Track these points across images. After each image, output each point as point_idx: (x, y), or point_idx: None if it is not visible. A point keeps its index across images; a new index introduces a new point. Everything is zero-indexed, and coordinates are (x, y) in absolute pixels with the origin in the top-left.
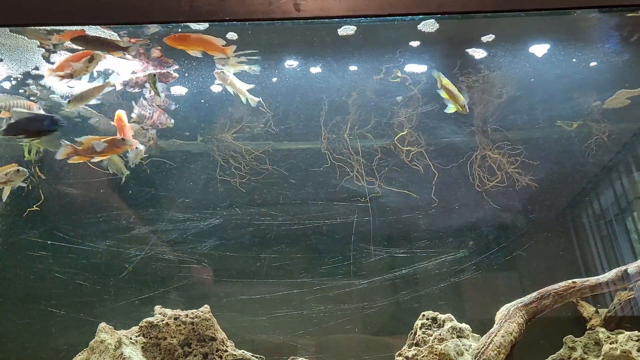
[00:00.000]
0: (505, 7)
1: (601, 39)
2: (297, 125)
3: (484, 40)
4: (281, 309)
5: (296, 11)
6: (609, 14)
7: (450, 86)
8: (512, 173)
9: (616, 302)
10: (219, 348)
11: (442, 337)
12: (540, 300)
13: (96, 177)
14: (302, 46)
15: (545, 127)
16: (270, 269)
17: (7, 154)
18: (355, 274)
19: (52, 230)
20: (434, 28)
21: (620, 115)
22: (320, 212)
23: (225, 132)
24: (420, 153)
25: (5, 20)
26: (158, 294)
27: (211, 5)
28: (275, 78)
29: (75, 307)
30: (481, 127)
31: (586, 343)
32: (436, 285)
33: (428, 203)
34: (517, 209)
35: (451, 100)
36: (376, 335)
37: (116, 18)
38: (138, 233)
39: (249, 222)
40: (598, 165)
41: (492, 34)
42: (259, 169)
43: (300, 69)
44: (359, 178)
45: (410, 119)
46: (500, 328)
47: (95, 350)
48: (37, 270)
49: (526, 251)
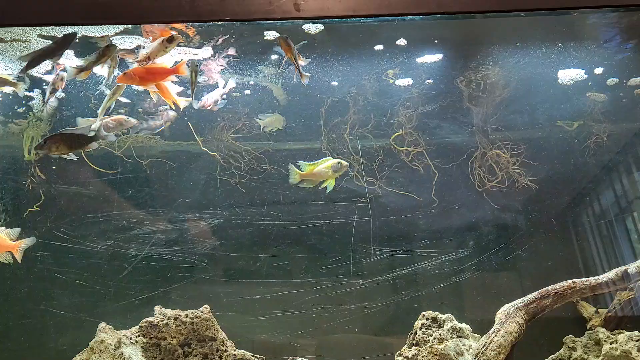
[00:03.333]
0: (505, 7)
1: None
2: (297, 125)
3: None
4: (281, 309)
5: (296, 11)
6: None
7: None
8: (512, 173)
9: (616, 302)
10: (219, 348)
11: (442, 337)
12: (540, 301)
13: (96, 177)
14: (302, 46)
15: (545, 127)
16: (270, 269)
17: (7, 154)
18: (355, 274)
19: (52, 230)
20: (319, 29)
21: (620, 115)
22: (320, 212)
23: (225, 132)
24: (420, 153)
25: (5, 20)
26: (158, 294)
27: (211, 5)
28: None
29: (75, 307)
30: (481, 126)
31: (586, 343)
32: (436, 286)
33: (428, 203)
34: (517, 209)
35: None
36: (376, 335)
37: (116, 18)
38: (137, 233)
39: (249, 222)
40: (598, 165)
41: (492, 34)
42: (259, 169)
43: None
44: (359, 178)
45: (410, 119)
46: (500, 328)
47: (95, 350)
48: (37, 270)
49: (526, 251)
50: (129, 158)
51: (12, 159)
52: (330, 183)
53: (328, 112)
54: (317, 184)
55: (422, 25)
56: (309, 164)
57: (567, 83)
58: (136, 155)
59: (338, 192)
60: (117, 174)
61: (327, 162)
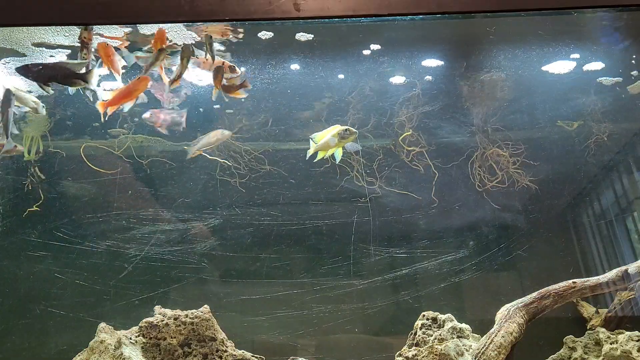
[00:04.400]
0: (505, 7)
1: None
2: (297, 125)
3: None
4: (281, 309)
5: (296, 11)
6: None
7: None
8: (512, 173)
9: (616, 302)
10: (218, 348)
11: (442, 338)
12: (540, 301)
13: (95, 177)
14: (303, 45)
15: (545, 127)
16: (270, 269)
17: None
18: (355, 274)
19: (52, 230)
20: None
21: (620, 115)
22: (320, 212)
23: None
24: (420, 153)
25: (5, 20)
26: (158, 294)
27: (211, 5)
28: (275, 77)
29: (75, 307)
30: (481, 126)
31: (586, 343)
32: (436, 286)
33: (428, 203)
34: (517, 209)
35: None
36: (376, 336)
37: (116, 18)
38: (137, 233)
39: (249, 222)
40: (598, 165)
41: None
42: (258, 169)
43: (301, 68)
44: (359, 178)
45: (411, 119)
46: (500, 328)
47: (95, 350)
48: (37, 270)
49: (526, 251)
50: (128, 158)
51: (13, 159)
52: (338, 152)
53: (328, 111)
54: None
55: (422, 24)
56: (319, 133)
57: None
58: (136, 155)
59: (338, 192)
60: (116, 173)
61: (334, 129)
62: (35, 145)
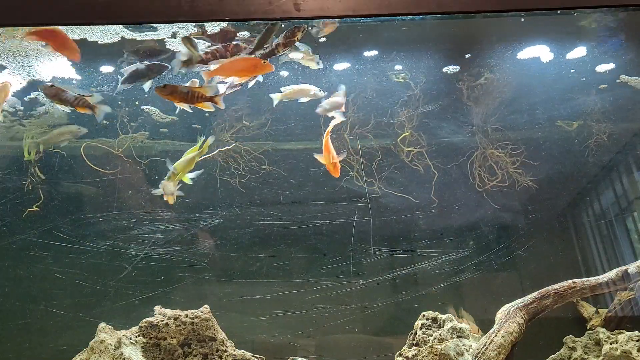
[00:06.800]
0: (505, 7)
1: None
2: (297, 125)
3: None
4: (281, 309)
5: (296, 11)
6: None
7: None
8: (512, 173)
9: (616, 302)
10: (219, 348)
11: (442, 337)
12: (540, 301)
13: (95, 177)
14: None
15: (545, 127)
16: (270, 269)
17: (8, 154)
18: (355, 274)
19: (52, 230)
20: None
21: (621, 115)
22: (320, 212)
23: (225, 132)
24: (420, 153)
25: (5, 20)
26: (158, 294)
27: (211, 5)
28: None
29: (75, 307)
30: (481, 126)
31: (586, 343)
32: (436, 286)
33: (428, 203)
34: (517, 209)
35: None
36: (376, 336)
37: (116, 18)
38: (137, 233)
39: (249, 222)
40: (598, 165)
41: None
42: (258, 169)
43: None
44: (358, 178)
45: (411, 119)
46: (500, 328)
47: (95, 350)
48: (37, 270)
49: (526, 251)
50: (128, 158)
51: (13, 159)
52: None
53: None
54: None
55: (422, 23)
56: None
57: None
58: (136, 155)
59: (338, 192)
60: (116, 173)
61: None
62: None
